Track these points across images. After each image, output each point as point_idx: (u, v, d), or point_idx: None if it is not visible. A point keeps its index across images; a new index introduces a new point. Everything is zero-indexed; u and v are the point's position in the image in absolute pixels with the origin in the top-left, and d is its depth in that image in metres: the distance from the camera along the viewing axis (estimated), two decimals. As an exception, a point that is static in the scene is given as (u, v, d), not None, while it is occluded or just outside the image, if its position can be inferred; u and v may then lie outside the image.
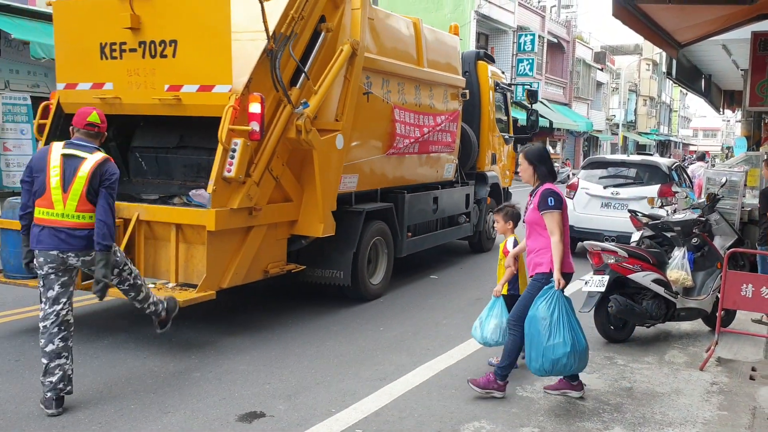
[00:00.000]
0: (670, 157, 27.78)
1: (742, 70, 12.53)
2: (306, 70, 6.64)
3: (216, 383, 5.25)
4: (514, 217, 5.90)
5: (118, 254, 4.96)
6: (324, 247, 7.31)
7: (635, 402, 5.16)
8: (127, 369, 5.49)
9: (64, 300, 4.71)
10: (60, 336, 4.66)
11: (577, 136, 48.13)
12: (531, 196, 5.04)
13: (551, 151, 36.02)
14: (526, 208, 5.11)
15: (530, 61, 34.91)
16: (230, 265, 6.11)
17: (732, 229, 7.51)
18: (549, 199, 4.84)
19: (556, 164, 33.12)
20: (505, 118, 12.37)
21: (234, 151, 5.90)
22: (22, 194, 4.85)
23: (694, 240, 6.93)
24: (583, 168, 12.16)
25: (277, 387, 5.21)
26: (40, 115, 7.12)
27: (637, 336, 6.84)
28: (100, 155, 4.73)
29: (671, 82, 24.04)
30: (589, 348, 4.96)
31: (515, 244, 5.73)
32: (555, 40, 42.24)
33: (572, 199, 11.44)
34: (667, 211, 7.63)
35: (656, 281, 6.55)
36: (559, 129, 39.64)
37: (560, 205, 4.86)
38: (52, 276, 4.67)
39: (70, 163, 4.63)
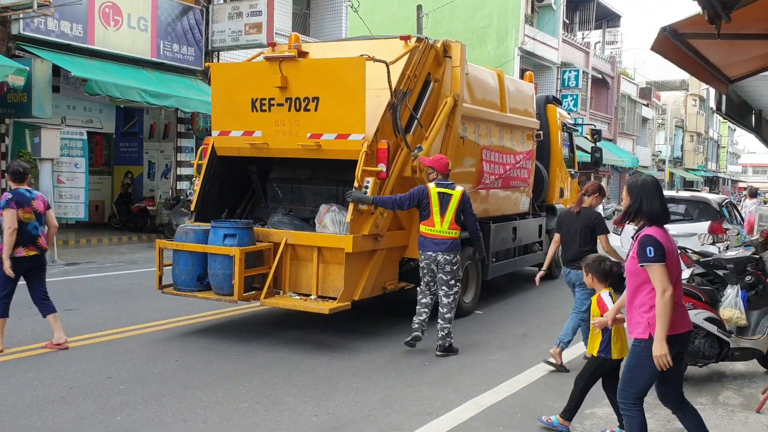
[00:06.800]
0: (719, 194, 27.30)
1: (795, 105, 12.26)
2: (418, 117, 7.80)
3: (264, 414, 5.29)
4: (601, 273, 5.15)
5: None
6: None
7: (689, 443, 5.01)
8: (175, 399, 5.56)
9: (432, 285, 7.18)
10: (426, 305, 7.21)
11: (623, 172, 47.58)
12: (633, 239, 4.21)
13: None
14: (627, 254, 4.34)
15: (574, 96, 34.81)
16: (360, 281, 7.25)
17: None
18: (648, 249, 3.97)
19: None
20: (570, 155, 13.41)
21: (366, 187, 7.13)
22: None
23: (748, 278, 6.74)
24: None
25: (324, 420, 5.21)
26: (198, 156, 8.39)
27: (688, 375, 6.67)
28: (459, 190, 7.08)
29: (719, 117, 23.70)
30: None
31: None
32: (599, 76, 42.05)
33: (620, 234, 11.35)
34: (719, 249, 7.48)
35: (708, 319, 6.38)
36: (604, 165, 39.26)
37: (662, 257, 3.96)
38: (425, 269, 7.09)
39: (443, 198, 6.96)
